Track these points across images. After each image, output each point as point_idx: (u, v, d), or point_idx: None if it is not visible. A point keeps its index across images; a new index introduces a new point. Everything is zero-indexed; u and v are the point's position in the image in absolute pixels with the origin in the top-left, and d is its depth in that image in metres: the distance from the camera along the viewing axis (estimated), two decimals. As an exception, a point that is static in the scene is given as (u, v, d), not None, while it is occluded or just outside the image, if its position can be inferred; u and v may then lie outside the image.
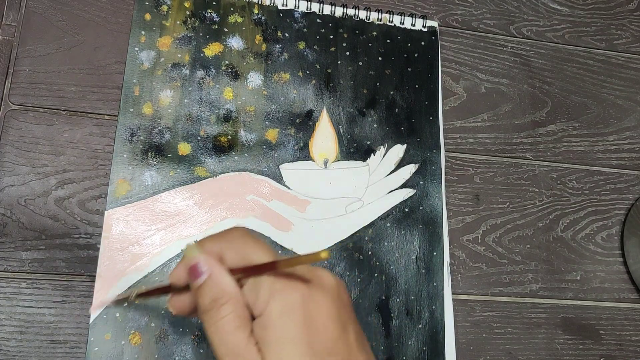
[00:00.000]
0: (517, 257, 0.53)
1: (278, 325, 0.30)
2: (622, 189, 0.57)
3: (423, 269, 0.50)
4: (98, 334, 0.43)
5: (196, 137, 0.48)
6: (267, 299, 0.30)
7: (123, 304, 0.44)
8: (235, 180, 0.48)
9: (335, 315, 0.31)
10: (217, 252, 0.33)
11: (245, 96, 0.50)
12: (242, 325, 0.31)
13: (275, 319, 0.30)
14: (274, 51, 0.52)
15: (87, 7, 0.50)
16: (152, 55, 0.49)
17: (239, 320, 0.31)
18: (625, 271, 0.54)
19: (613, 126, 0.58)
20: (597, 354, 0.52)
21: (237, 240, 0.33)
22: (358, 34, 0.54)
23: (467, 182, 0.54)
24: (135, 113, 0.48)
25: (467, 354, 0.49)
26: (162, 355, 0.43)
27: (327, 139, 0.51)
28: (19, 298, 0.43)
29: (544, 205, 0.55)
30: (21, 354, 0.42)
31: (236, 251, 0.32)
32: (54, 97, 0.47)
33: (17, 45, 0.48)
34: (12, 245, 0.44)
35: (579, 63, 0.60)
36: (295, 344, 0.30)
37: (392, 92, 0.54)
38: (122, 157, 0.47)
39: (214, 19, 0.52)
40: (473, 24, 0.58)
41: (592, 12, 0.62)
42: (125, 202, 0.46)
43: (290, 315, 0.30)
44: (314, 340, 0.30)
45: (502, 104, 0.57)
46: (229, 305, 0.31)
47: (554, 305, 0.52)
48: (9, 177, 0.45)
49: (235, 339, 0.31)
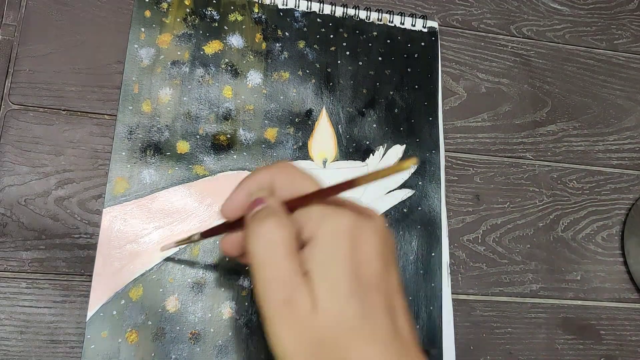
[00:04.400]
0: (517, 257, 0.53)
1: (327, 247, 0.30)
2: (623, 189, 0.57)
3: (421, 270, 0.50)
4: (95, 332, 0.43)
5: (195, 136, 0.49)
6: (319, 222, 0.31)
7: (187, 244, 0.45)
8: (234, 179, 0.48)
9: (381, 252, 0.31)
10: (268, 183, 0.33)
11: (245, 95, 0.50)
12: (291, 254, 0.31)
13: (325, 241, 0.30)
14: (273, 50, 0.52)
15: (87, 7, 0.50)
16: (152, 53, 0.50)
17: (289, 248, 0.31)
18: (626, 271, 0.54)
19: (613, 126, 0.58)
20: (598, 354, 0.52)
21: (285, 172, 0.33)
22: (358, 34, 0.54)
23: (468, 182, 0.54)
24: (134, 111, 0.48)
25: (467, 354, 0.49)
26: (158, 354, 0.43)
27: (326, 139, 0.51)
28: (19, 298, 0.43)
29: (544, 205, 0.54)
30: (21, 353, 0.42)
31: (284, 182, 0.33)
32: (54, 97, 0.47)
33: (17, 45, 0.48)
34: (12, 245, 0.44)
35: (579, 63, 0.60)
36: (344, 269, 0.30)
37: (391, 92, 0.54)
38: (120, 155, 0.47)
39: (214, 17, 0.52)
40: (473, 23, 0.58)
41: (592, 12, 0.62)
42: (124, 200, 0.46)
43: (339, 239, 0.30)
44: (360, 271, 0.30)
45: (503, 104, 0.57)
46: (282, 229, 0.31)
47: (554, 305, 0.52)
48: (9, 177, 0.45)
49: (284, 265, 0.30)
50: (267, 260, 0.31)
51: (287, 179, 0.33)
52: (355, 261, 0.30)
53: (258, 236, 0.31)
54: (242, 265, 0.46)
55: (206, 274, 0.46)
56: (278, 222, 0.31)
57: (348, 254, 0.30)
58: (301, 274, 0.30)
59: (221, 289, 0.46)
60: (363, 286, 0.30)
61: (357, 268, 0.30)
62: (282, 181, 0.33)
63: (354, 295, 0.30)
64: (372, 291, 0.30)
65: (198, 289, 0.45)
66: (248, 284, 0.46)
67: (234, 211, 0.34)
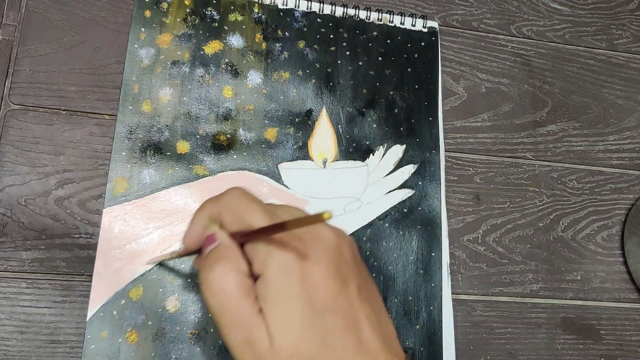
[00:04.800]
0: (517, 257, 0.53)
1: (277, 284, 0.30)
2: (623, 189, 0.57)
3: (421, 270, 0.50)
4: (95, 332, 0.43)
5: (195, 136, 0.49)
6: (265, 258, 0.31)
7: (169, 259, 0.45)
8: (234, 179, 0.48)
9: (334, 272, 0.31)
10: (215, 214, 0.33)
11: (245, 95, 0.50)
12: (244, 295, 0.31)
13: (274, 278, 0.30)
14: (273, 50, 0.52)
15: (87, 7, 0.50)
16: (152, 53, 0.50)
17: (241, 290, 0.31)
18: (626, 271, 0.54)
19: (613, 126, 0.58)
20: (598, 354, 0.52)
21: (233, 202, 0.33)
22: (358, 34, 0.54)
23: (468, 182, 0.54)
24: (134, 111, 0.48)
25: (467, 354, 0.49)
26: (158, 354, 0.43)
27: (326, 139, 0.51)
28: (19, 298, 0.43)
29: (544, 205, 0.54)
30: (21, 353, 0.42)
31: (233, 213, 0.33)
32: (54, 97, 0.47)
33: (17, 45, 0.48)
34: (12, 245, 0.44)
35: (579, 63, 0.60)
36: (296, 301, 0.30)
37: (391, 92, 0.54)
38: (120, 155, 0.47)
39: (214, 17, 0.52)
40: (473, 23, 0.58)
41: (592, 12, 0.62)
42: (124, 200, 0.46)
43: (287, 274, 0.30)
44: (313, 298, 0.30)
45: (503, 104, 0.57)
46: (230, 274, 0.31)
47: (554, 305, 0.52)
48: (9, 177, 0.45)
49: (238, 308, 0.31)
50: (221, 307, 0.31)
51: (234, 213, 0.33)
52: (306, 290, 0.30)
53: (209, 285, 0.32)
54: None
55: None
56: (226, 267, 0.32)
57: (297, 286, 0.30)
58: (256, 312, 0.31)
59: (221, 289, 0.46)
60: (317, 312, 0.30)
61: (309, 296, 0.30)
62: (229, 216, 0.33)
63: (308, 325, 0.30)
64: (328, 314, 0.30)
65: (198, 289, 0.45)
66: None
67: (194, 243, 0.35)
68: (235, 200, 0.33)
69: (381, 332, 0.32)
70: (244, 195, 0.33)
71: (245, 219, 0.32)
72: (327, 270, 0.31)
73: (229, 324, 0.31)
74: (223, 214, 0.33)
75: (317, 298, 0.30)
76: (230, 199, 0.33)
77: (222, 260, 0.32)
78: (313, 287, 0.30)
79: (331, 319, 0.30)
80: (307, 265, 0.30)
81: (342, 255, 0.32)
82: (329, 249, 0.31)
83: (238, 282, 0.31)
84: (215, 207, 0.34)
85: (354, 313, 0.31)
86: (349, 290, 0.31)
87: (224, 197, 0.34)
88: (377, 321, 0.32)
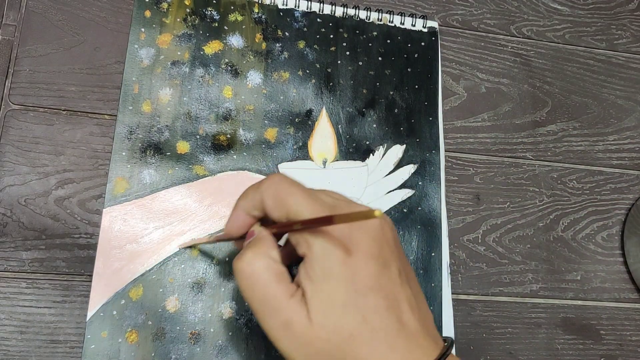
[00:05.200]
0: (517, 257, 0.53)
1: (320, 264, 0.31)
2: (623, 189, 0.57)
3: (421, 270, 0.50)
4: (95, 332, 0.43)
5: (195, 136, 0.49)
6: (309, 240, 0.32)
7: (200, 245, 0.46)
8: (234, 179, 0.48)
9: (377, 253, 0.31)
10: (258, 201, 0.34)
11: (245, 95, 0.50)
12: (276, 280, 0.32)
13: (317, 258, 0.31)
14: (273, 50, 0.52)
15: (87, 7, 0.50)
16: (152, 53, 0.50)
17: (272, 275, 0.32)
18: (626, 271, 0.54)
19: (613, 126, 0.58)
20: (598, 354, 0.52)
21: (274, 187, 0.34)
22: (358, 34, 0.54)
23: (468, 182, 0.54)
24: (134, 111, 0.48)
25: (467, 354, 0.49)
26: (158, 354, 0.43)
27: (326, 139, 0.51)
28: (19, 298, 0.43)
29: (544, 205, 0.54)
30: (21, 353, 0.42)
31: (275, 198, 0.33)
32: (54, 97, 0.47)
33: (17, 45, 0.48)
34: (12, 245, 0.44)
35: (579, 63, 0.60)
36: (338, 280, 0.31)
37: (391, 92, 0.54)
38: (120, 155, 0.47)
39: (214, 17, 0.52)
40: (473, 23, 0.58)
41: (592, 12, 0.62)
42: (124, 200, 0.46)
43: (330, 255, 0.31)
44: (355, 277, 0.31)
45: (503, 104, 0.57)
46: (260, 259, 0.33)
47: (554, 305, 0.52)
48: (9, 177, 0.45)
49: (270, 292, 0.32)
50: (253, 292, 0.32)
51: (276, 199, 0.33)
52: (349, 270, 0.31)
53: (240, 271, 0.33)
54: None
55: (206, 274, 0.46)
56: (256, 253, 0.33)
57: (340, 265, 0.31)
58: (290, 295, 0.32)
59: (221, 289, 0.46)
60: (359, 291, 0.31)
61: (352, 275, 0.31)
62: (270, 201, 0.33)
63: (350, 304, 0.31)
64: (370, 294, 0.31)
65: (198, 289, 0.45)
66: (248, 284, 0.46)
67: (237, 230, 0.36)
68: (276, 185, 0.34)
69: (420, 316, 0.33)
70: (285, 180, 0.34)
71: (287, 203, 0.33)
72: (370, 251, 0.31)
73: (262, 309, 0.32)
74: (265, 200, 0.34)
75: (360, 278, 0.31)
76: (271, 185, 0.34)
77: (252, 248, 0.33)
78: (356, 267, 0.31)
79: (373, 298, 0.31)
80: (350, 246, 0.31)
81: (384, 237, 0.32)
82: (372, 230, 0.32)
83: (267, 266, 0.32)
84: (257, 193, 0.34)
85: (396, 294, 0.32)
86: (390, 272, 0.32)
87: (265, 182, 0.34)
88: (416, 304, 0.33)
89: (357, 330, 0.30)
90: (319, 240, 0.31)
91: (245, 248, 0.34)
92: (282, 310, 0.31)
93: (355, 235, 0.31)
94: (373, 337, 0.30)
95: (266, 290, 0.32)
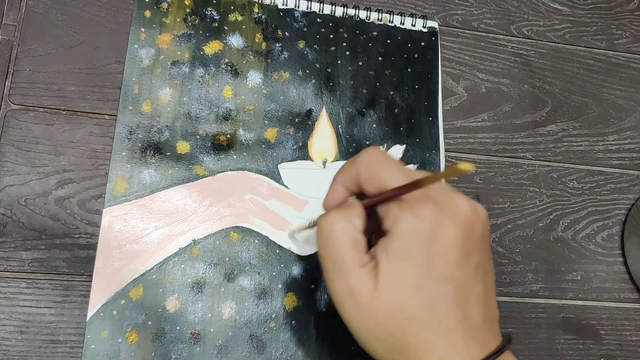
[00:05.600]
0: (517, 257, 0.53)
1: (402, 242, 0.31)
2: (623, 189, 0.57)
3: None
4: (95, 332, 0.43)
5: (195, 136, 0.49)
6: (396, 216, 0.32)
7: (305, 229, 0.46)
8: (234, 179, 0.48)
9: (461, 244, 0.32)
10: (354, 174, 0.34)
11: (245, 95, 0.50)
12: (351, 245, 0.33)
13: (400, 236, 0.32)
14: (273, 50, 0.52)
15: (87, 7, 0.50)
16: (152, 53, 0.50)
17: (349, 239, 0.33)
18: (626, 271, 0.54)
19: (613, 126, 0.58)
20: (598, 354, 0.52)
21: (368, 161, 0.34)
22: (358, 34, 0.54)
23: (468, 182, 0.54)
24: (134, 111, 0.48)
25: (467, 354, 0.49)
26: (158, 354, 0.43)
27: (326, 139, 0.51)
28: (19, 298, 0.43)
29: (544, 205, 0.54)
30: (21, 353, 0.42)
31: (368, 172, 0.34)
32: (54, 97, 0.47)
33: (17, 45, 0.48)
34: (12, 245, 0.44)
35: (579, 63, 0.60)
36: (415, 261, 0.31)
37: (391, 92, 0.54)
38: (120, 155, 0.47)
39: (214, 17, 0.52)
40: (473, 23, 0.58)
41: (592, 12, 0.62)
42: (124, 200, 0.46)
43: (414, 235, 0.31)
44: (433, 263, 0.31)
45: (503, 104, 0.57)
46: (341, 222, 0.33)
47: (554, 305, 0.52)
48: (9, 177, 0.45)
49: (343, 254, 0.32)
50: (327, 251, 0.33)
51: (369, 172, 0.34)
52: (428, 254, 0.31)
53: (320, 229, 0.34)
54: (243, 265, 0.46)
55: (206, 274, 0.46)
56: (339, 216, 0.33)
57: (421, 248, 0.31)
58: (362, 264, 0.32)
59: (221, 289, 0.46)
60: (433, 277, 0.31)
61: (430, 260, 0.31)
62: (364, 174, 0.34)
63: (420, 287, 0.31)
64: (442, 282, 0.31)
65: (198, 289, 0.45)
66: (248, 283, 0.46)
67: (334, 204, 0.37)
68: (370, 160, 0.34)
69: (486, 311, 0.33)
70: (380, 154, 0.34)
71: (380, 177, 0.33)
72: (454, 240, 0.31)
73: (332, 271, 0.33)
74: (360, 173, 0.34)
75: (437, 265, 0.31)
76: (366, 159, 0.34)
77: (339, 210, 0.34)
78: (436, 253, 0.31)
79: (444, 287, 0.31)
80: (436, 232, 0.31)
81: (472, 229, 0.33)
82: (461, 220, 0.32)
83: (347, 230, 0.33)
84: (353, 167, 0.35)
85: (467, 288, 0.32)
86: (468, 265, 0.32)
87: (360, 156, 0.35)
88: (484, 300, 0.33)
89: (419, 313, 0.31)
90: (406, 219, 0.32)
91: (333, 210, 0.35)
92: (350, 276, 0.32)
93: (443, 222, 0.31)
94: (433, 323, 0.31)
95: (339, 253, 0.32)
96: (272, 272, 0.47)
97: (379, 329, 0.32)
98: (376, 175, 0.33)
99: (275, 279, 0.47)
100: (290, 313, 0.46)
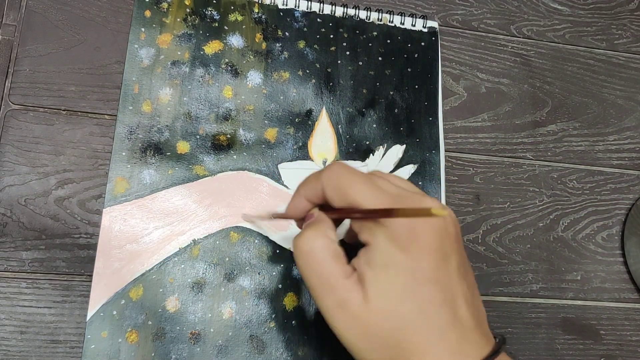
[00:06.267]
0: (517, 257, 0.53)
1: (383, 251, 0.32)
2: (623, 189, 0.57)
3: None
4: (95, 332, 0.43)
5: (195, 136, 0.49)
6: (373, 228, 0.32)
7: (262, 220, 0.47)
8: (234, 179, 0.48)
9: (439, 246, 0.32)
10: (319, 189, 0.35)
11: (245, 95, 0.50)
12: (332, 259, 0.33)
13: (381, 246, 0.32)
14: (273, 50, 0.52)
15: (87, 7, 0.50)
16: (152, 53, 0.50)
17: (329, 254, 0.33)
18: (626, 271, 0.54)
19: (613, 126, 0.58)
20: (598, 354, 0.52)
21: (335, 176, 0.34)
22: (358, 34, 0.54)
23: (468, 182, 0.54)
24: (134, 111, 0.48)
25: (467, 354, 0.49)
26: (158, 354, 0.43)
27: (326, 139, 0.51)
28: (19, 298, 0.43)
29: (544, 205, 0.54)
30: (21, 353, 0.42)
31: (335, 188, 0.34)
32: (54, 97, 0.47)
33: (17, 45, 0.48)
34: (12, 245, 0.44)
35: (579, 63, 0.60)
36: (399, 268, 0.31)
37: (391, 92, 0.54)
38: (120, 155, 0.47)
39: (214, 17, 0.52)
40: (473, 23, 0.58)
41: (592, 12, 0.62)
42: (124, 200, 0.46)
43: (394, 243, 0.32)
44: (416, 268, 0.31)
45: (503, 104, 0.57)
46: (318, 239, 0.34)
47: (554, 305, 0.52)
48: (9, 177, 0.45)
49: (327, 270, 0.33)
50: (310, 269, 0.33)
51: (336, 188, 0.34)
52: (410, 260, 0.31)
53: (298, 249, 0.34)
54: (243, 265, 0.46)
55: (206, 274, 0.46)
56: (314, 232, 0.34)
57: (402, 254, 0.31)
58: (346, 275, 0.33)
59: (221, 289, 0.46)
60: (418, 282, 0.31)
61: (413, 265, 0.31)
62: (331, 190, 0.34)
63: (408, 292, 0.31)
64: (428, 285, 0.32)
65: (198, 289, 0.45)
66: (248, 283, 0.46)
67: (297, 213, 0.37)
68: (336, 176, 0.34)
69: (474, 312, 0.33)
70: (345, 170, 0.35)
71: (348, 192, 0.33)
72: (431, 244, 0.32)
73: (318, 287, 0.33)
74: (326, 189, 0.35)
75: (420, 270, 0.31)
76: (332, 175, 0.35)
77: (311, 228, 0.34)
78: (417, 259, 0.32)
79: (431, 290, 0.32)
80: (414, 237, 0.32)
81: (447, 231, 0.33)
82: (436, 224, 0.32)
83: (325, 246, 0.33)
84: (317, 183, 0.35)
85: (453, 288, 0.32)
86: (450, 266, 0.33)
87: (325, 173, 0.35)
88: (472, 300, 0.34)
89: (411, 318, 0.31)
90: (382, 230, 0.32)
91: (305, 228, 0.35)
92: (338, 288, 0.32)
93: (419, 227, 0.32)
94: (426, 327, 0.31)
95: (323, 269, 0.33)
96: (272, 272, 0.47)
97: (373, 339, 0.32)
98: (345, 191, 0.34)
99: (275, 279, 0.47)
100: (290, 313, 0.46)
